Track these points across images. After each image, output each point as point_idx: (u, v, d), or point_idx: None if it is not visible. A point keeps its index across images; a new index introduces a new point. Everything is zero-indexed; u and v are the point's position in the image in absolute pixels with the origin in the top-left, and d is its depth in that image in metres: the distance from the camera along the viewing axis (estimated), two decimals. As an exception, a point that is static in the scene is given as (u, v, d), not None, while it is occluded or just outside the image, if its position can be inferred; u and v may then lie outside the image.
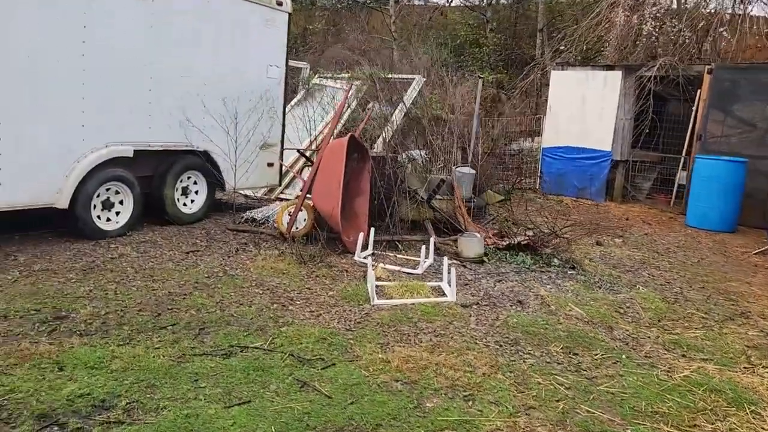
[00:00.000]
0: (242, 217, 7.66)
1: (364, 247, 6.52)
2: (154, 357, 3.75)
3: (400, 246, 6.91)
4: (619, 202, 12.25)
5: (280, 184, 9.02)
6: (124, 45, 6.27)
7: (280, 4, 8.10)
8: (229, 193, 8.38)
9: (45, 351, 3.69)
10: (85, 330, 4.08)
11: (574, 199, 12.02)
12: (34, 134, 5.58)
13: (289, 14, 8.33)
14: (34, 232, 6.18)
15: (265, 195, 9.66)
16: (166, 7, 6.66)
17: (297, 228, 6.81)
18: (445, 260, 5.68)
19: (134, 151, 6.45)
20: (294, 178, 9.74)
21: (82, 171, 5.95)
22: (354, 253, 6.41)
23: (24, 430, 2.92)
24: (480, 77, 10.02)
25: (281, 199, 9.43)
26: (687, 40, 11.67)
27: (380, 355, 4.02)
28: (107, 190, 6.34)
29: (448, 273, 5.47)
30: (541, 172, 13.10)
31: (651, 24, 12.00)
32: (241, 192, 9.01)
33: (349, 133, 6.77)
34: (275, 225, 7.11)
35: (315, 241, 6.61)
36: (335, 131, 10.13)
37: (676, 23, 12.14)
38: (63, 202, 5.86)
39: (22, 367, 3.49)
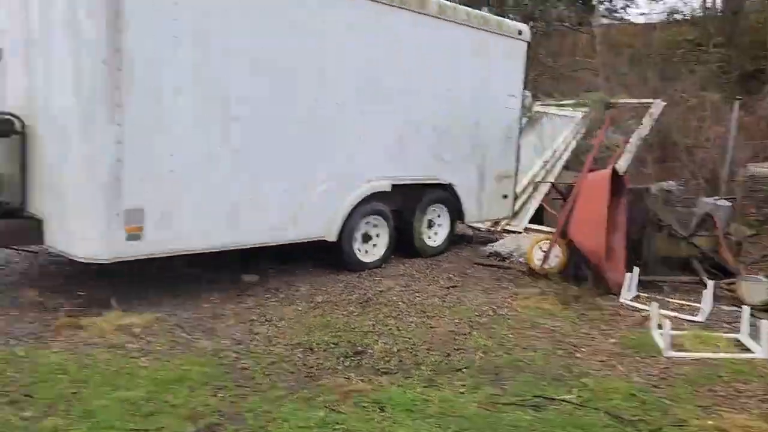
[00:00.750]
0: (485, 251, 7.54)
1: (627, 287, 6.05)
2: (464, 402, 3.67)
3: (666, 288, 6.33)
4: None
5: (513, 216, 8.81)
6: (386, 82, 6.48)
7: (520, 33, 7.96)
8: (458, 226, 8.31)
9: (361, 389, 3.76)
10: (385, 368, 4.14)
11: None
12: (317, 171, 5.93)
13: (528, 43, 8.16)
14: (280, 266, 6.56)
15: (491, 227, 9.50)
16: (424, 47, 6.80)
17: (549, 265, 6.52)
18: (746, 309, 5.03)
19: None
20: (521, 209, 9.49)
21: (350, 205, 6.22)
22: (617, 294, 5.98)
23: (375, 475, 2.95)
24: (738, 99, 9.05)
25: (508, 231, 9.21)
26: None
27: (710, 422, 3.57)
28: (366, 223, 6.57)
29: (750, 324, 4.84)
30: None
31: None
32: (468, 224, 8.94)
33: (611, 166, 6.38)
34: (524, 260, 6.89)
35: (570, 278, 6.30)
36: (565, 159, 9.77)
37: None
38: (333, 235, 6.14)
39: (346, 404, 3.58)
